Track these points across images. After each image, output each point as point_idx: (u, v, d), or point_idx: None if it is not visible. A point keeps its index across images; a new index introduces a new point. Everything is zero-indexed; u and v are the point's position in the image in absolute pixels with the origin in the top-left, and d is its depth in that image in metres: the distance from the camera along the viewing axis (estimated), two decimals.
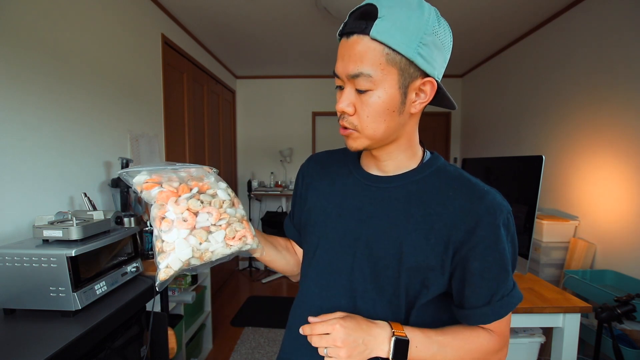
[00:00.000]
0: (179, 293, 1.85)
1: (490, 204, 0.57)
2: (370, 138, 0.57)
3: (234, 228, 0.57)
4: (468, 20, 2.53)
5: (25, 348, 0.80)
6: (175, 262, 0.52)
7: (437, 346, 0.57)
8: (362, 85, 0.53)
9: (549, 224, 2.11)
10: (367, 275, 0.60)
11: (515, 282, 0.60)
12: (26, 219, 1.27)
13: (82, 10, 1.58)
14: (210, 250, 0.54)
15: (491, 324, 0.60)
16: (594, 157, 2.05)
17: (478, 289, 0.57)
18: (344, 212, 0.64)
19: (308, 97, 4.17)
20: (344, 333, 0.52)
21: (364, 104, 0.54)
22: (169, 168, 0.58)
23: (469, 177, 0.61)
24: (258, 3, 2.31)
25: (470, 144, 3.87)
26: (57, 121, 1.42)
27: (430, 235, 0.57)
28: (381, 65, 0.51)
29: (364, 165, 0.67)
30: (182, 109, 2.67)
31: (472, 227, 0.56)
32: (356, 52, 0.52)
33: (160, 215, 0.52)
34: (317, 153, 0.79)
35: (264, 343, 2.47)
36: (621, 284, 1.78)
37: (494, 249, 0.56)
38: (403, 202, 0.60)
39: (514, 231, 0.59)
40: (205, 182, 0.58)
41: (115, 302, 1.05)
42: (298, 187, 0.77)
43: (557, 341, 1.20)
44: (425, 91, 0.56)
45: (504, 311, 0.58)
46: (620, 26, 1.88)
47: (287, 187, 4.12)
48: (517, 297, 0.59)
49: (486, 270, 0.56)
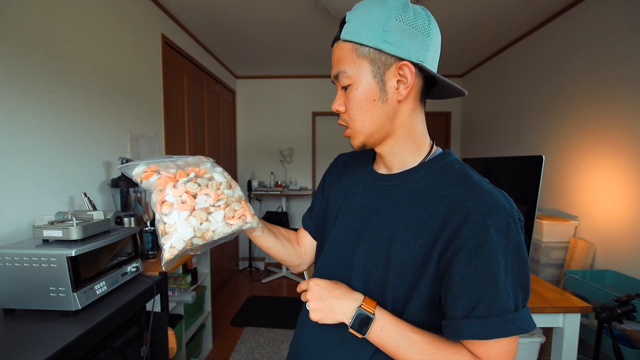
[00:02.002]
0: (179, 293, 1.85)
1: (483, 202, 0.51)
2: (361, 132, 0.60)
3: (232, 208, 0.59)
4: (468, 20, 2.53)
5: (25, 348, 0.80)
6: (179, 242, 0.54)
7: (405, 340, 0.53)
8: (343, 82, 0.58)
9: (549, 224, 2.11)
10: (360, 272, 0.61)
11: (524, 306, 0.51)
12: (26, 219, 1.27)
13: (82, 10, 1.58)
14: (212, 229, 0.56)
15: (480, 350, 0.51)
16: (594, 157, 2.05)
17: (457, 299, 0.51)
18: (353, 209, 0.66)
19: (308, 97, 4.17)
20: (316, 290, 0.59)
21: (349, 100, 0.59)
22: (166, 160, 0.60)
23: (472, 174, 0.57)
24: (258, 3, 2.31)
25: (470, 144, 3.87)
26: (57, 121, 1.42)
27: (419, 235, 0.55)
28: (353, 60, 0.57)
29: (376, 165, 0.70)
30: (182, 109, 2.67)
31: (458, 227, 0.51)
32: (336, 56, 0.59)
33: (160, 200, 0.55)
34: (344, 153, 0.83)
35: (264, 343, 2.47)
36: (621, 284, 1.78)
37: (477, 254, 0.49)
38: (401, 200, 0.60)
39: (518, 241, 0.50)
40: (201, 168, 0.60)
41: (115, 302, 1.05)
42: (323, 183, 0.81)
43: (557, 341, 1.20)
44: (405, 75, 0.56)
45: (485, 332, 0.49)
46: (620, 26, 1.88)
47: (287, 187, 4.12)
48: (514, 324, 0.49)
49: (467, 279, 0.50)
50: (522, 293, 0.51)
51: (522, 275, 0.51)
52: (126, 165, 0.59)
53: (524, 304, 0.51)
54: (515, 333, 0.49)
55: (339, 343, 0.62)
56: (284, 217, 3.99)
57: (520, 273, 0.50)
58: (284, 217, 3.99)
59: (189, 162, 0.61)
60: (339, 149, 3.43)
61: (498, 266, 0.49)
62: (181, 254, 0.55)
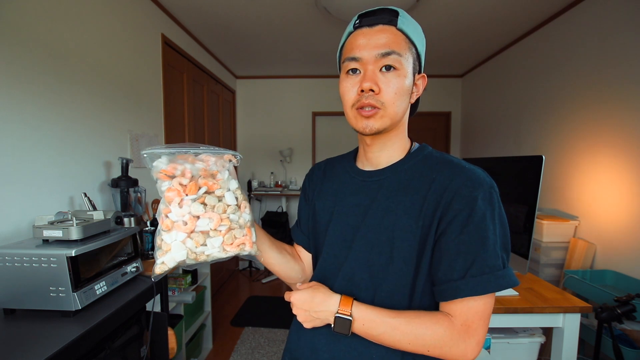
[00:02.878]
0: (179, 293, 1.85)
1: (467, 177, 0.58)
2: (392, 117, 0.61)
3: (233, 235, 0.57)
4: (468, 20, 2.53)
5: (25, 348, 0.80)
6: (170, 261, 0.55)
7: (386, 327, 0.57)
8: (393, 62, 0.59)
9: (549, 224, 2.11)
10: (363, 264, 0.63)
11: (509, 266, 0.57)
12: (26, 219, 1.27)
13: (82, 10, 1.58)
14: (206, 253, 0.56)
15: (456, 310, 0.56)
16: (594, 157, 2.05)
17: (454, 263, 0.56)
18: (344, 209, 0.68)
19: (308, 97, 4.17)
20: (298, 304, 0.62)
21: (390, 82, 0.59)
22: (191, 151, 0.58)
23: (452, 158, 0.64)
24: (258, 3, 2.31)
25: (470, 144, 3.87)
26: (57, 121, 1.42)
27: (419, 217, 0.59)
28: (405, 51, 0.60)
29: (359, 164, 0.73)
30: (182, 109, 2.67)
31: (449, 202, 0.57)
32: (385, 35, 0.59)
33: (165, 213, 0.55)
34: (318, 163, 0.85)
35: (264, 343, 2.47)
36: (621, 284, 1.78)
37: (469, 221, 0.55)
38: (394, 190, 0.63)
39: (499, 209, 0.57)
40: (216, 181, 0.57)
41: (115, 302, 1.05)
42: (304, 195, 0.82)
43: (557, 341, 1.20)
44: (418, 86, 0.65)
45: (481, 288, 0.54)
46: (621, 26, 1.88)
47: (287, 187, 4.12)
48: (504, 278, 0.55)
49: (462, 243, 0.56)
50: (505, 254, 0.58)
51: (504, 238, 0.58)
52: (148, 153, 0.57)
53: (507, 263, 0.58)
54: (507, 286, 0.55)
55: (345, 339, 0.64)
56: (283, 217, 3.99)
57: (502, 236, 0.58)
58: (283, 217, 3.99)
59: (209, 167, 0.58)
60: (339, 149, 3.43)
61: (487, 230, 0.55)
62: (170, 270, 0.56)
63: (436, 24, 2.60)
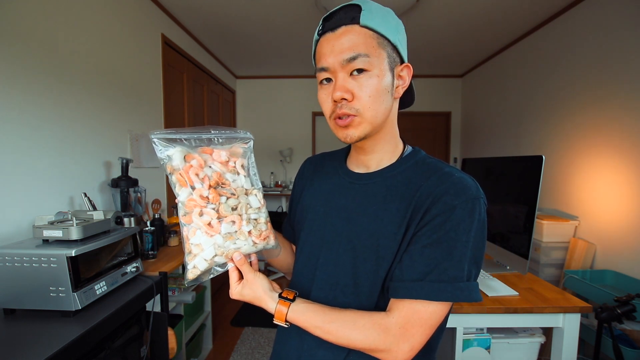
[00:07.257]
0: (179, 293, 1.85)
1: (452, 184, 0.56)
2: (371, 122, 0.58)
3: (259, 229, 0.61)
4: (468, 20, 2.53)
5: (25, 348, 0.80)
6: (201, 263, 0.58)
7: (320, 332, 0.57)
8: (361, 65, 0.55)
9: (549, 224, 2.11)
10: (348, 270, 0.61)
11: (475, 282, 0.55)
12: (26, 219, 1.27)
13: (82, 10, 1.58)
14: (234, 248, 0.59)
15: (402, 310, 0.54)
16: (594, 157, 2.05)
17: (416, 264, 0.55)
18: (330, 210, 0.66)
19: (308, 97, 4.17)
20: (238, 296, 0.65)
21: (363, 86, 0.56)
22: (204, 136, 0.59)
23: (443, 166, 0.61)
24: (258, 3, 2.31)
25: (470, 144, 3.87)
26: (57, 121, 1.42)
27: (402, 225, 0.58)
28: (374, 48, 0.56)
29: (350, 164, 0.70)
30: (182, 109, 2.68)
31: (429, 206, 0.55)
32: (348, 38, 0.55)
33: (187, 221, 0.57)
34: (313, 155, 0.83)
35: (264, 343, 2.47)
36: (621, 284, 1.78)
37: (441, 228, 0.54)
38: (382, 196, 0.61)
39: (480, 222, 0.55)
40: (235, 190, 0.60)
41: (115, 302, 1.05)
42: (295, 188, 0.81)
43: (557, 341, 1.20)
44: (403, 77, 0.61)
45: (434, 294, 0.52)
46: (620, 26, 1.88)
47: (287, 187, 4.12)
48: (463, 291, 0.53)
49: (427, 247, 0.54)
50: (475, 268, 0.55)
51: (476, 251, 0.55)
52: (159, 139, 0.57)
53: (475, 278, 0.56)
54: (464, 300, 0.53)
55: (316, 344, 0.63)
56: (283, 217, 3.98)
57: (475, 249, 0.55)
58: (283, 217, 3.98)
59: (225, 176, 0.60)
60: None
61: (457, 240, 0.53)
62: (203, 274, 0.60)
63: (436, 24, 2.60)
